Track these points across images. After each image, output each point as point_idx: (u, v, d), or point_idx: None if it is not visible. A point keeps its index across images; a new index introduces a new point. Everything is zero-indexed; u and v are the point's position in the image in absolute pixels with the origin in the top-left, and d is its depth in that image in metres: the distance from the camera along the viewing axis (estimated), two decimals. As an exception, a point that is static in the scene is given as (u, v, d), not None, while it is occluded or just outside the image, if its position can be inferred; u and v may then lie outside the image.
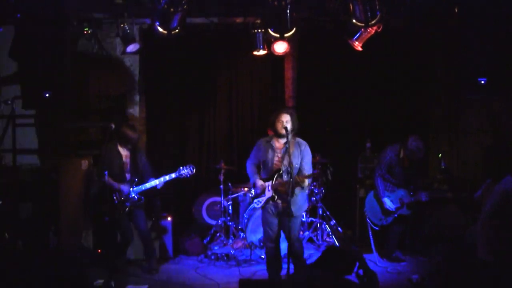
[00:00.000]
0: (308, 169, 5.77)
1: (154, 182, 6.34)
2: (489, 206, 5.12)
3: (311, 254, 7.18)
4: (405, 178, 6.86)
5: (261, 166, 5.89)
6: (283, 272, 5.90)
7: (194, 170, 6.40)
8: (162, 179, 6.34)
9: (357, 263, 5.57)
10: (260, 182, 5.78)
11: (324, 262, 5.64)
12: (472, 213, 7.01)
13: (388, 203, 6.76)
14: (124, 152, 6.44)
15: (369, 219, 6.91)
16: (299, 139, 5.81)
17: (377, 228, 6.90)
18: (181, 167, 6.36)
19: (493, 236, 5.01)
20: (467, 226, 7.18)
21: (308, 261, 6.83)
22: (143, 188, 6.36)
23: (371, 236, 6.97)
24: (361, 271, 5.49)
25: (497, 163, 7.12)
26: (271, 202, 5.74)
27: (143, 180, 6.41)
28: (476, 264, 5.17)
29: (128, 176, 6.40)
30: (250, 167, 5.97)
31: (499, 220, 4.99)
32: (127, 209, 6.33)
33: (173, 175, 6.34)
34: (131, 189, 6.33)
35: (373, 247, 6.95)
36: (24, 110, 7.32)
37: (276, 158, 5.74)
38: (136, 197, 6.34)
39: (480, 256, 5.10)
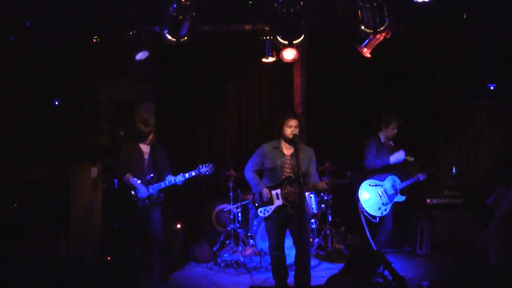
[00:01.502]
0: (316, 175, 5.79)
1: (174, 180, 6.36)
2: (502, 212, 5.08)
3: (320, 261, 7.17)
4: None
5: (266, 173, 5.78)
6: (290, 279, 5.89)
7: (214, 168, 6.41)
8: (181, 177, 6.36)
9: (381, 264, 5.50)
10: (267, 191, 5.64)
11: (351, 267, 5.54)
12: (483, 219, 6.96)
13: (388, 184, 6.62)
14: (144, 148, 6.47)
15: (367, 213, 6.59)
16: (303, 145, 5.80)
17: (376, 221, 6.61)
18: (200, 165, 6.38)
19: (506, 242, 4.96)
20: (478, 231, 7.14)
21: (317, 269, 6.84)
22: (162, 185, 6.36)
23: (367, 233, 6.84)
24: (387, 273, 5.42)
25: (509, 169, 7.07)
26: (280, 211, 5.64)
27: (162, 178, 6.43)
28: (488, 271, 5.12)
29: (148, 172, 6.40)
30: (252, 175, 5.78)
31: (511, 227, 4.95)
32: (146, 206, 6.34)
33: (193, 173, 6.38)
34: (151, 185, 6.35)
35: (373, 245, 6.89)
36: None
37: (286, 165, 5.67)
38: (155, 194, 6.35)
39: (492, 263, 5.05)
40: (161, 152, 6.57)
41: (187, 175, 6.37)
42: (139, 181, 6.32)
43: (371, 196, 6.62)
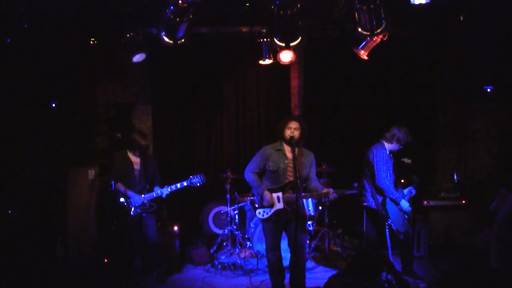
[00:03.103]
0: (316, 179, 5.81)
1: (166, 190, 6.37)
2: (502, 215, 5.08)
3: (317, 263, 7.17)
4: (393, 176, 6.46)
5: (268, 175, 5.73)
6: (287, 281, 5.89)
7: (205, 179, 6.41)
8: (173, 186, 6.38)
9: (385, 268, 5.46)
10: (269, 194, 5.61)
11: (354, 268, 5.51)
12: (482, 221, 6.98)
13: (405, 205, 6.29)
14: (134, 159, 6.47)
15: (396, 230, 6.25)
16: (305, 149, 5.79)
17: (402, 237, 6.31)
18: (191, 176, 6.38)
19: (507, 245, 4.96)
20: (476, 233, 7.15)
21: (314, 271, 6.83)
22: (154, 195, 6.37)
23: (390, 253, 6.42)
24: (390, 277, 5.39)
25: (510, 172, 7.08)
26: (279, 214, 5.62)
27: (152, 189, 6.44)
28: (486, 273, 5.11)
29: (139, 183, 6.41)
30: (253, 177, 5.74)
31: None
32: (138, 216, 6.35)
33: (185, 183, 6.38)
34: (142, 195, 6.35)
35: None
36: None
37: (288, 168, 5.64)
38: (147, 204, 6.35)
39: (492, 266, 5.04)
40: (152, 164, 6.58)
41: (178, 185, 6.38)
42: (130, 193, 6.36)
43: (396, 212, 6.34)
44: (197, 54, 8.32)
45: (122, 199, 6.29)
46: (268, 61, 7.49)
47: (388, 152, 6.39)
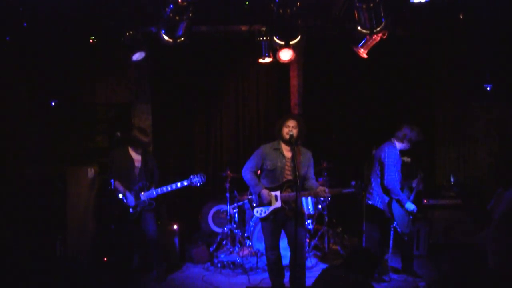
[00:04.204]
0: (314, 178, 5.80)
1: (166, 188, 6.37)
2: (499, 214, 5.08)
3: (317, 262, 7.17)
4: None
5: (266, 174, 5.74)
6: (286, 280, 5.90)
7: (205, 178, 6.40)
8: (174, 185, 6.37)
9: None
10: (267, 192, 5.62)
11: (350, 264, 5.47)
12: (481, 220, 6.98)
13: (411, 206, 6.25)
14: (136, 156, 6.47)
15: (400, 232, 6.24)
16: (303, 148, 5.79)
17: (406, 238, 6.35)
18: (192, 176, 6.37)
19: (504, 245, 4.95)
20: (476, 232, 7.15)
21: (313, 269, 6.83)
22: (154, 194, 6.37)
23: (390, 252, 6.46)
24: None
25: (507, 172, 7.07)
26: (277, 212, 5.63)
27: (153, 185, 6.44)
28: (486, 273, 5.11)
29: (139, 180, 6.41)
30: (251, 176, 5.73)
31: (509, 228, 4.94)
32: (137, 213, 6.35)
33: (185, 183, 6.37)
34: (142, 193, 6.35)
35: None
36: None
37: (286, 167, 5.64)
38: (147, 201, 6.35)
39: (491, 266, 5.04)
40: (152, 162, 6.60)
41: (179, 184, 6.38)
42: (127, 191, 6.36)
43: (401, 213, 6.28)
44: (196, 53, 8.32)
45: (121, 196, 6.30)
46: (267, 60, 7.49)
47: (398, 152, 6.35)
